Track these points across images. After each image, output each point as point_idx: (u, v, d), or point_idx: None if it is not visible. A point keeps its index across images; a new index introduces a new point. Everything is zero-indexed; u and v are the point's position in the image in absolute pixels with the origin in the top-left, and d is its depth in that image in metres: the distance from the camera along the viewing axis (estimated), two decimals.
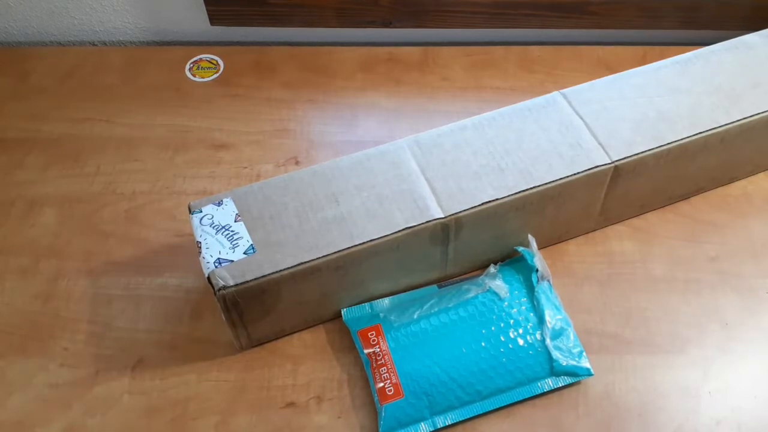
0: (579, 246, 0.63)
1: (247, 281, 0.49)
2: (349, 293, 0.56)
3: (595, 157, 0.56)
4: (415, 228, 0.52)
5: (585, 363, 0.54)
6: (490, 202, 0.54)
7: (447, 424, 0.52)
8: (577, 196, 0.57)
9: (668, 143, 0.57)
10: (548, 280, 0.56)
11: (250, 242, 0.51)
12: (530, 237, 0.58)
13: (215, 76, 0.79)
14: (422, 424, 0.51)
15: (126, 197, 0.67)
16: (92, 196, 0.68)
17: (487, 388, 0.52)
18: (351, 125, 0.74)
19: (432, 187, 0.54)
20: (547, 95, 0.61)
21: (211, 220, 0.53)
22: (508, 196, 0.54)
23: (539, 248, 0.58)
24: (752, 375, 0.55)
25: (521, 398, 0.53)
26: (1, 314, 0.59)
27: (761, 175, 0.68)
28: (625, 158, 0.56)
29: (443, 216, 0.53)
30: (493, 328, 0.54)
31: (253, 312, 0.52)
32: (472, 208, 0.53)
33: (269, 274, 0.50)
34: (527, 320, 0.54)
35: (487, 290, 0.56)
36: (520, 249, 0.58)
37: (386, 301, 0.58)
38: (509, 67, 0.79)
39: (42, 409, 0.54)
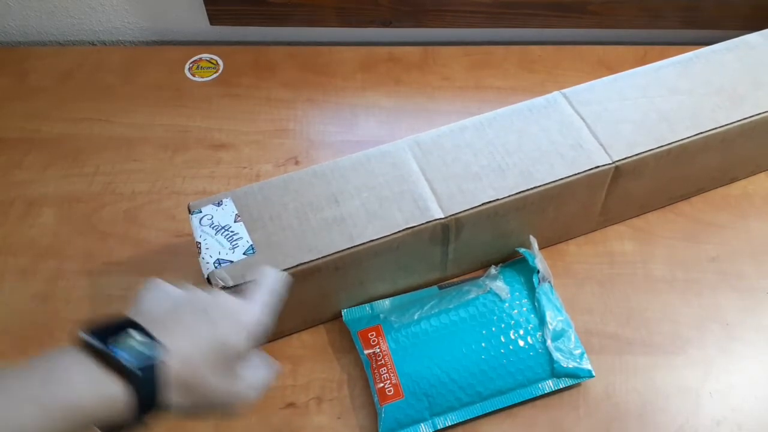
0: (579, 246, 0.63)
1: (247, 282, 0.49)
2: (349, 294, 0.56)
3: (596, 157, 0.56)
4: (415, 228, 0.52)
5: (586, 364, 0.53)
6: (490, 202, 0.53)
7: (447, 425, 0.52)
8: (577, 197, 0.57)
9: (669, 144, 0.57)
10: (549, 282, 0.56)
11: (250, 243, 0.51)
12: (531, 238, 0.57)
13: (215, 75, 0.79)
14: (422, 425, 0.51)
15: (125, 197, 0.67)
16: (91, 196, 0.67)
17: (487, 390, 0.52)
18: (351, 125, 0.74)
19: (432, 187, 0.54)
20: (548, 95, 0.60)
21: (210, 221, 0.52)
22: (509, 196, 0.54)
23: (539, 248, 0.58)
24: (753, 375, 0.55)
25: (522, 400, 0.53)
26: (1, 314, 0.59)
27: (762, 175, 0.68)
28: (625, 158, 0.56)
29: (443, 216, 0.53)
30: (493, 329, 0.54)
31: None
32: (472, 208, 0.53)
33: None
34: (528, 321, 0.54)
35: (488, 291, 0.56)
36: (521, 250, 0.58)
37: (387, 302, 0.58)
38: (509, 67, 0.79)
39: None
